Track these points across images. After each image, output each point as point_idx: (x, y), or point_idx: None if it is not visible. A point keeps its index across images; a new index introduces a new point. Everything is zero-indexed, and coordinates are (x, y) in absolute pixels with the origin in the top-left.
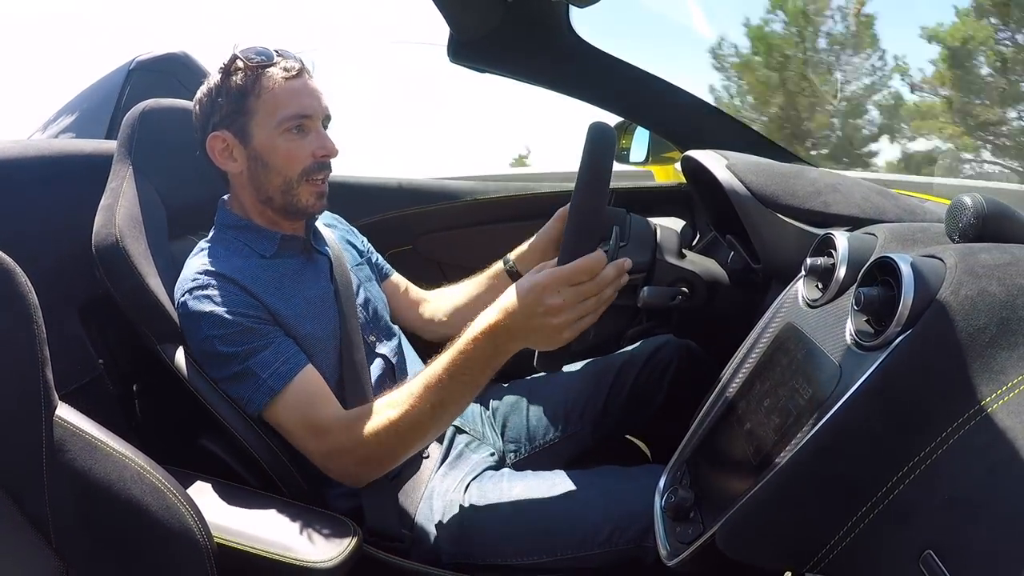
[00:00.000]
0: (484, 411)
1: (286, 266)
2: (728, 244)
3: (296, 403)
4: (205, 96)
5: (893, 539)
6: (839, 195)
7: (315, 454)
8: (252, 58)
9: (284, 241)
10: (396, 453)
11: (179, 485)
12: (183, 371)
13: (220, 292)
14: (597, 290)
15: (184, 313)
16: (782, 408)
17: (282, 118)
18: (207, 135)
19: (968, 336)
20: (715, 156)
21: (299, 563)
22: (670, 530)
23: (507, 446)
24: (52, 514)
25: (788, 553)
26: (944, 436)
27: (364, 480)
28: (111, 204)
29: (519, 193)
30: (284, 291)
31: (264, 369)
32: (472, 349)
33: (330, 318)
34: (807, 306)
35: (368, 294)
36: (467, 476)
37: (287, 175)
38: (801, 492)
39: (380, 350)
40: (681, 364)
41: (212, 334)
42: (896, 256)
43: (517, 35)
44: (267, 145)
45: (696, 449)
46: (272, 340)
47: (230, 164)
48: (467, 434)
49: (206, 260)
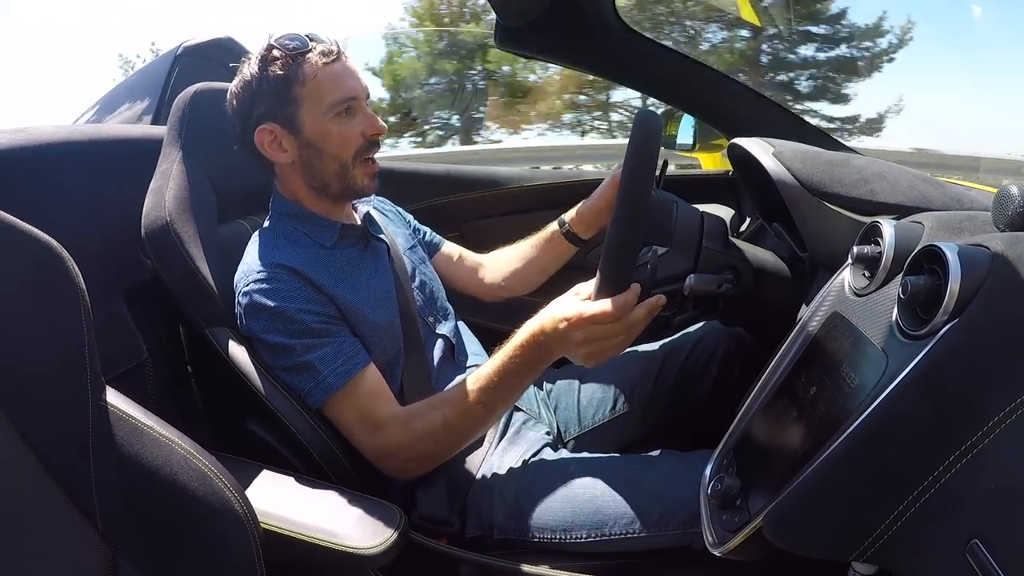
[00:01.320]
0: (539, 392)
1: (347, 256)
2: (775, 232)
3: (355, 401)
4: (243, 90)
5: (939, 528)
6: (886, 183)
7: (370, 449)
8: (288, 46)
9: (344, 230)
10: (448, 450)
11: (226, 470)
12: (232, 355)
13: (287, 286)
14: (622, 331)
15: (248, 303)
16: (829, 397)
17: (331, 103)
18: (251, 128)
19: (1015, 326)
20: (761, 144)
21: (345, 549)
22: (716, 518)
23: (562, 425)
24: (99, 499)
25: (834, 542)
26: (991, 425)
27: (415, 475)
28: (161, 187)
29: (565, 180)
30: (349, 281)
31: (326, 366)
32: (519, 355)
33: (392, 305)
34: (854, 295)
35: (423, 276)
36: (526, 453)
37: (342, 159)
38: (847, 481)
39: (440, 331)
40: (728, 350)
41: (276, 327)
42: (943, 245)
43: (564, 21)
44: (318, 132)
45: (742, 437)
46: (336, 337)
47: (281, 155)
48: (523, 412)
49: (268, 250)
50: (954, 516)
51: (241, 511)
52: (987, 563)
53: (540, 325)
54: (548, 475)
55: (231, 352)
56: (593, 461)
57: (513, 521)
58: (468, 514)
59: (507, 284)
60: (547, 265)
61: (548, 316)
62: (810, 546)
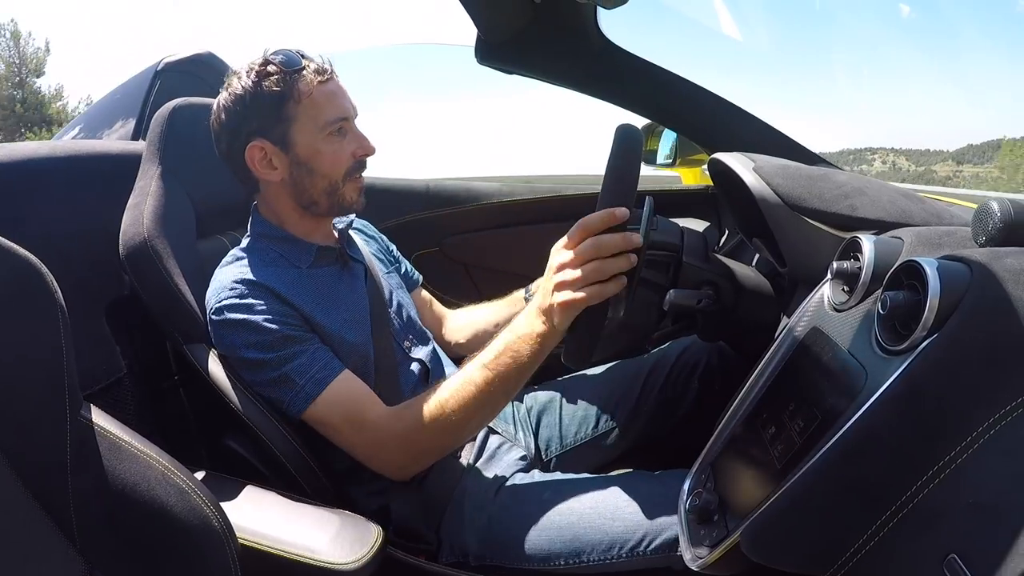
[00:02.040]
0: (517, 412)
1: (323, 276)
2: (754, 247)
3: (338, 405)
4: (234, 103)
5: (917, 543)
6: (866, 198)
7: (362, 449)
8: (284, 62)
9: (320, 252)
10: (444, 444)
11: (203, 486)
12: (210, 372)
13: (257, 301)
14: (593, 251)
15: (219, 320)
16: (807, 412)
17: (325, 122)
18: (241, 144)
19: (994, 341)
20: (742, 159)
21: (323, 564)
22: (694, 533)
23: (539, 444)
24: (76, 515)
25: (812, 557)
26: (969, 441)
27: (409, 473)
28: (139, 203)
29: (546, 195)
30: (323, 302)
31: (302, 376)
32: (517, 329)
33: (365, 326)
34: (833, 310)
35: (400, 300)
36: (499, 478)
37: (333, 178)
38: (825, 496)
39: (416, 355)
40: (710, 364)
41: (249, 340)
42: (922, 260)
43: (545, 37)
44: (311, 150)
45: (721, 452)
46: (309, 346)
47: (271, 173)
48: (499, 435)
49: (241, 269)
50: (932, 531)
51: (219, 526)
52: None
53: (529, 304)
54: (522, 501)
55: (209, 368)
56: (569, 486)
57: (488, 548)
58: (442, 536)
59: (466, 344)
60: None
61: (537, 292)
62: (788, 561)
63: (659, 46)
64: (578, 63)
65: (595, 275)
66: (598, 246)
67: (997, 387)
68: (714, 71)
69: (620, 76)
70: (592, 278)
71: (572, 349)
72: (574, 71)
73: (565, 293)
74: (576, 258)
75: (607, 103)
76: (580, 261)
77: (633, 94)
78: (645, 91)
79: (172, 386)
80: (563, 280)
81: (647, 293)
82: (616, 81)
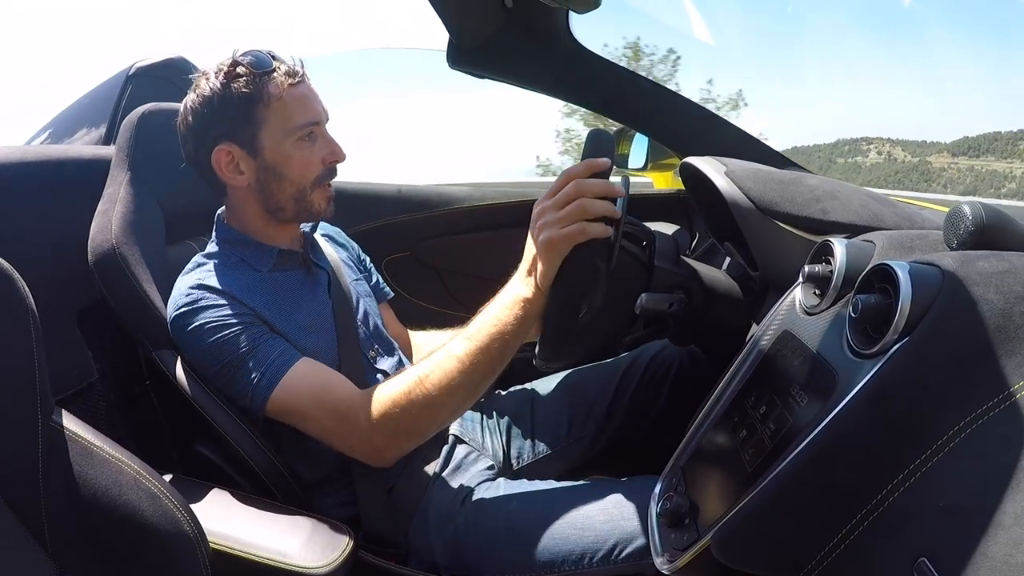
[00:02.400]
0: (487, 419)
1: (283, 280)
2: (726, 251)
3: (302, 389)
4: (201, 106)
5: (887, 547)
6: (837, 202)
7: (339, 436)
8: (254, 63)
9: (281, 256)
10: (424, 424)
11: (175, 491)
12: (179, 378)
13: (213, 303)
14: (575, 192)
15: (177, 327)
16: (778, 415)
17: (295, 126)
18: (208, 148)
19: (965, 344)
20: (714, 163)
21: (294, 568)
22: (665, 537)
23: (511, 452)
24: (48, 520)
25: (783, 560)
26: (940, 444)
27: (392, 457)
28: (107, 210)
29: (517, 200)
30: (281, 306)
31: (261, 363)
32: (497, 300)
33: (328, 333)
34: (805, 313)
35: (367, 308)
36: (464, 489)
37: (300, 184)
38: (796, 499)
39: (380, 365)
40: (682, 367)
41: (207, 341)
42: (894, 263)
43: (517, 41)
44: (279, 155)
45: (692, 455)
46: (266, 338)
47: (237, 178)
48: (467, 444)
49: (200, 275)
50: (902, 534)
51: (190, 531)
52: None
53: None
54: (490, 515)
55: (177, 374)
56: (537, 496)
57: (456, 561)
58: (411, 545)
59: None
60: None
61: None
62: (758, 565)
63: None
64: (550, 67)
65: (579, 213)
66: (581, 187)
67: (968, 390)
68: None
69: (592, 80)
70: (576, 216)
71: (546, 345)
72: (546, 75)
73: (549, 231)
74: (560, 199)
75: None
76: (564, 202)
77: (605, 98)
78: (617, 95)
79: (143, 391)
80: (546, 221)
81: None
82: (588, 85)
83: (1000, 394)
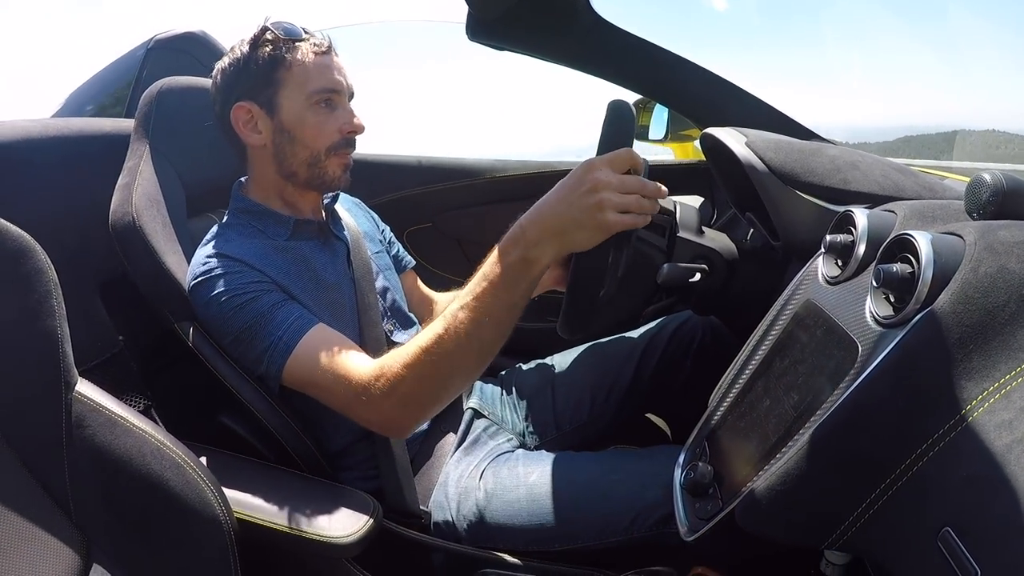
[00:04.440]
0: (505, 394)
1: (300, 250)
2: (748, 221)
3: (317, 355)
4: (229, 66)
5: (911, 516)
6: (859, 172)
7: (351, 403)
8: (282, 30)
9: (298, 225)
10: (437, 392)
11: (199, 460)
12: (201, 349)
13: (228, 270)
14: (640, 187)
15: (196, 296)
16: (801, 385)
17: (312, 91)
18: (229, 105)
19: (987, 313)
20: (734, 133)
21: (318, 538)
22: (689, 506)
23: (533, 428)
24: (72, 489)
25: (806, 529)
26: (963, 414)
27: (406, 427)
28: (128, 183)
29: (538, 170)
30: (300, 274)
31: (279, 327)
32: (499, 262)
33: (346, 304)
34: (827, 283)
35: (387, 282)
36: (482, 462)
37: (314, 149)
38: (819, 469)
39: (397, 339)
40: (704, 338)
41: (224, 309)
42: (916, 233)
43: (536, 13)
44: (295, 118)
45: (715, 425)
46: (283, 304)
47: (253, 136)
48: (486, 418)
49: (216, 244)
50: (926, 504)
51: (215, 500)
52: (958, 550)
53: (532, 209)
54: (511, 486)
55: (199, 345)
56: (558, 467)
57: (479, 535)
58: (434, 518)
59: None
60: None
61: (548, 193)
62: (782, 533)
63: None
64: (569, 39)
65: (637, 207)
66: (644, 186)
67: (991, 360)
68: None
69: (611, 52)
70: (635, 207)
71: (569, 317)
72: (565, 47)
73: (608, 212)
74: (627, 184)
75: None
76: (628, 189)
77: (624, 70)
78: (636, 67)
79: (166, 363)
80: (608, 198)
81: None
82: (607, 57)
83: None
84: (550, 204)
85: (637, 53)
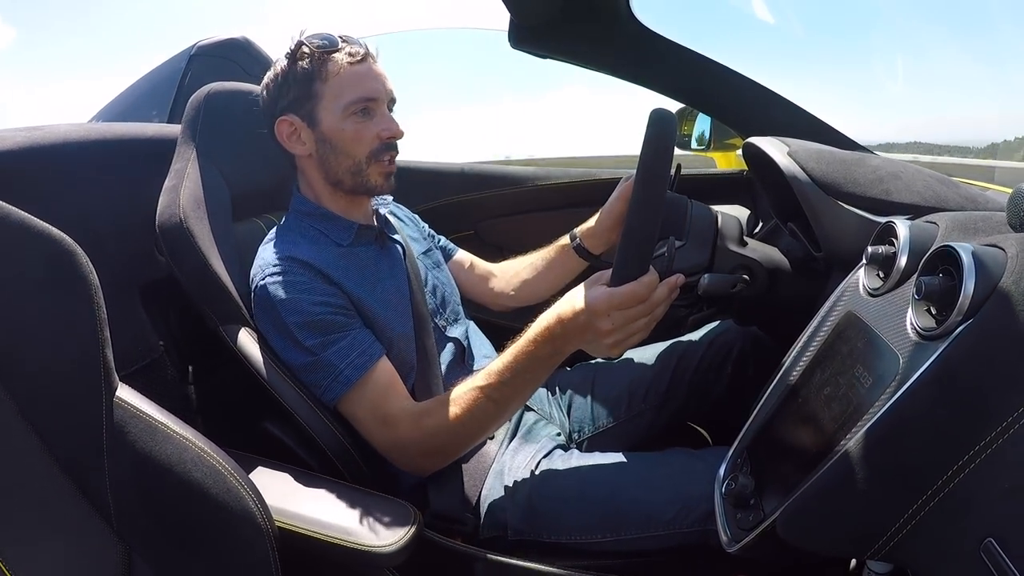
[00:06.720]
0: (550, 394)
1: (363, 255)
2: (789, 232)
3: (370, 395)
4: (272, 81)
5: (954, 528)
6: (900, 183)
7: (381, 443)
8: (316, 44)
9: (360, 230)
10: (459, 446)
11: (240, 468)
12: (246, 353)
13: (300, 279)
14: (648, 312)
15: (262, 297)
16: (843, 396)
17: (348, 102)
18: (274, 119)
19: None
20: (776, 143)
21: (360, 547)
22: (731, 516)
23: (577, 424)
24: (113, 497)
25: (848, 540)
26: (1006, 425)
27: (427, 471)
28: (175, 185)
29: (581, 179)
30: (367, 283)
31: (342, 359)
32: (533, 349)
33: (406, 307)
34: (868, 295)
35: (436, 281)
36: (538, 453)
37: (355, 157)
38: (861, 480)
39: (451, 333)
40: (744, 349)
41: (291, 321)
42: (957, 245)
43: (578, 21)
44: (334, 128)
45: (756, 436)
46: (350, 331)
47: (298, 147)
48: (535, 412)
49: (284, 246)
50: (969, 515)
51: (256, 508)
52: (1002, 562)
53: (557, 316)
54: (561, 476)
55: (245, 350)
56: (606, 461)
57: (527, 523)
58: (482, 514)
59: (516, 295)
60: (557, 278)
61: (567, 307)
62: (824, 544)
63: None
64: (611, 47)
65: (646, 328)
66: (653, 307)
67: None
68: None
69: (653, 60)
70: (645, 329)
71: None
72: (607, 55)
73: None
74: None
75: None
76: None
77: (667, 78)
78: (679, 75)
79: (208, 368)
80: (619, 340)
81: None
82: (649, 65)
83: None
84: (569, 325)
85: (679, 61)
